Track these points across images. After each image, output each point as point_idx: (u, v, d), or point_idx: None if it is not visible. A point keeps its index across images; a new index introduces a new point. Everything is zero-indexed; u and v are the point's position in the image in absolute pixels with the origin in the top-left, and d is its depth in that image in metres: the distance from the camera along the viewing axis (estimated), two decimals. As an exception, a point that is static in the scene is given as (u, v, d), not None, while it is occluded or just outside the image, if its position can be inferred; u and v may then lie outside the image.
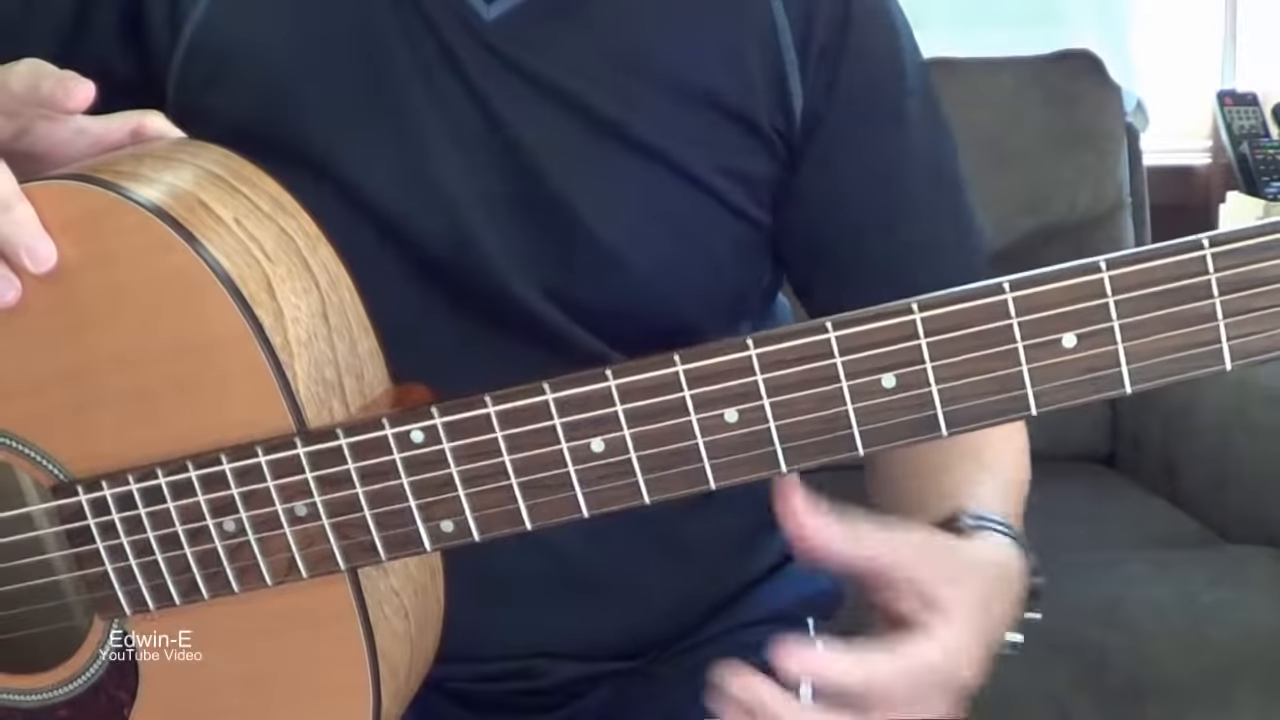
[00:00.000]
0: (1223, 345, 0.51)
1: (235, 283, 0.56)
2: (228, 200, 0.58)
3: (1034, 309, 0.50)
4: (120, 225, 0.56)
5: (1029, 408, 0.51)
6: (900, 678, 0.57)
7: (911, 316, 0.51)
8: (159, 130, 0.63)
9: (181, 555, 0.57)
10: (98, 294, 0.57)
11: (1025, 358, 0.51)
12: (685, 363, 0.52)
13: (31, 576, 0.61)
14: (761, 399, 0.52)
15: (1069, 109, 1.72)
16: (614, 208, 0.74)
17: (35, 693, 0.62)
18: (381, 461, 0.55)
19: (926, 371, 0.51)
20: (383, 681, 0.58)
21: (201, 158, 0.61)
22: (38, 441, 0.59)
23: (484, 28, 0.73)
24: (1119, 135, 1.73)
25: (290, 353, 0.56)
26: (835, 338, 0.51)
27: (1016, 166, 1.70)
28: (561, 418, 0.53)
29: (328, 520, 0.56)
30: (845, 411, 0.52)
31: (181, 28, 0.75)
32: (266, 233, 0.58)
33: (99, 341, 0.58)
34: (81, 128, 0.63)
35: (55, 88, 0.61)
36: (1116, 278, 0.50)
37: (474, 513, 0.55)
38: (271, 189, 0.61)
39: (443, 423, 0.54)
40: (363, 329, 0.61)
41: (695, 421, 0.52)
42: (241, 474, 0.56)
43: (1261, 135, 1.79)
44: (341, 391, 0.59)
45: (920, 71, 0.80)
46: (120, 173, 0.58)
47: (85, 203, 0.57)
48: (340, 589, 0.57)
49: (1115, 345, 0.51)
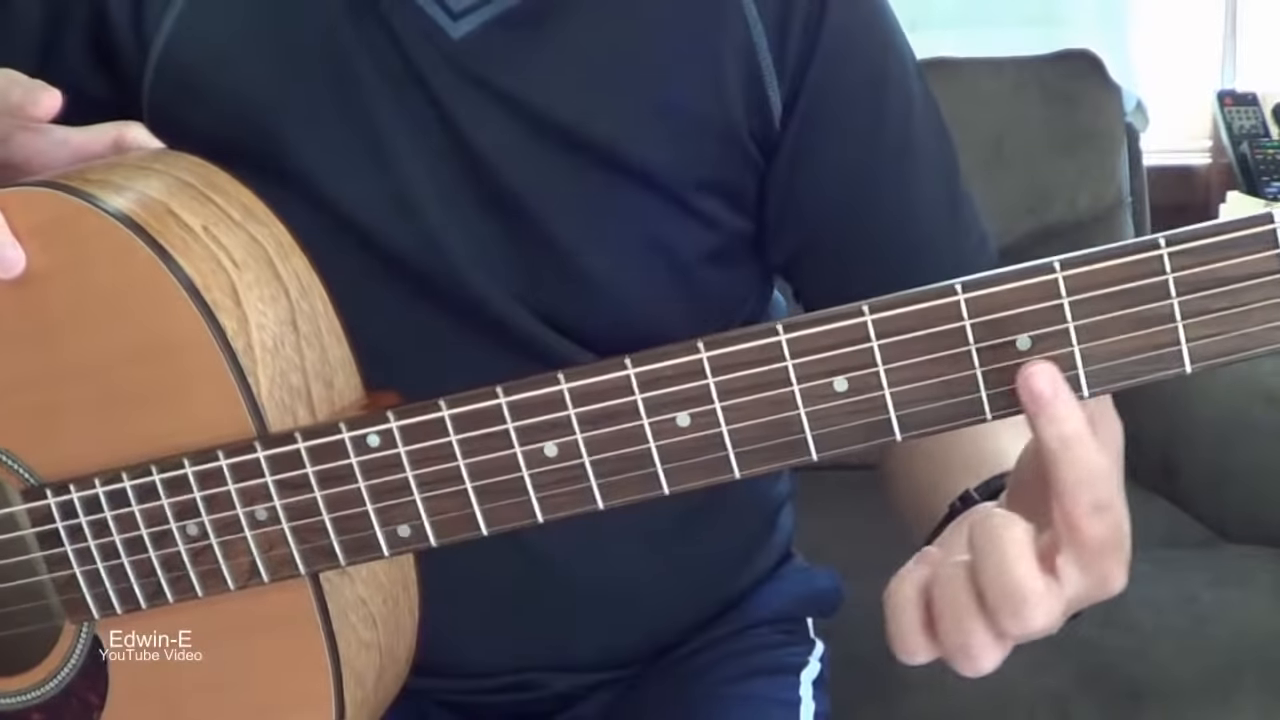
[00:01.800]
0: (1182, 347, 0.49)
1: (199, 289, 0.55)
2: (198, 209, 0.58)
3: (987, 311, 0.49)
4: (88, 232, 0.56)
5: (984, 412, 0.49)
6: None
7: (863, 319, 0.49)
8: (140, 141, 0.62)
9: (146, 559, 0.57)
10: (65, 299, 0.57)
11: (978, 361, 0.49)
12: (636, 366, 0.51)
13: (16, 576, 0.61)
14: (713, 403, 0.50)
15: (1069, 109, 1.69)
16: (583, 223, 0.73)
17: (11, 695, 0.61)
18: (339, 465, 0.54)
19: (879, 375, 0.49)
20: (347, 690, 0.57)
21: (175, 167, 0.60)
22: (7, 445, 0.58)
23: (450, 46, 0.71)
24: (1119, 135, 1.70)
25: (254, 358, 0.55)
26: (786, 340, 0.50)
27: (1016, 166, 1.67)
28: (514, 421, 0.52)
29: (287, 524, 0.55)
30: (797, 415, 0.50)
31: (149, 46, 0.74)
32: (236, 241, 0.57)
33: (66, 346, 0.57)
34: (62, 139, 0.62)
35: (24, 96, 0.60)
36: (1071, 278, 0.48)
37: (430, 517, 0.54)
38: (245, 198, 0.60)
39: (398, 426, 0.53)
40: (334, 337, 0.60)
41: (647, 425, 0.51)
42: (203, 477, 0.55)
43: (1261, 135, 1.75)
44: (309, 398, 0.57)
45: (905, 67, 0.77)
46: (90, 180, 0.57)
47: (54, 209, 0.56)
48: (303, 595, 0.56)
49: (1071, 348, 0.49)
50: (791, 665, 0.87)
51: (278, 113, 0.72)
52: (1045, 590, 0.49)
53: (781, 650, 0.87)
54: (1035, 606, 0.49)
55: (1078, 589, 0.50)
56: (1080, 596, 0.51)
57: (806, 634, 0.90)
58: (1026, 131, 1.67)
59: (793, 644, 0.88)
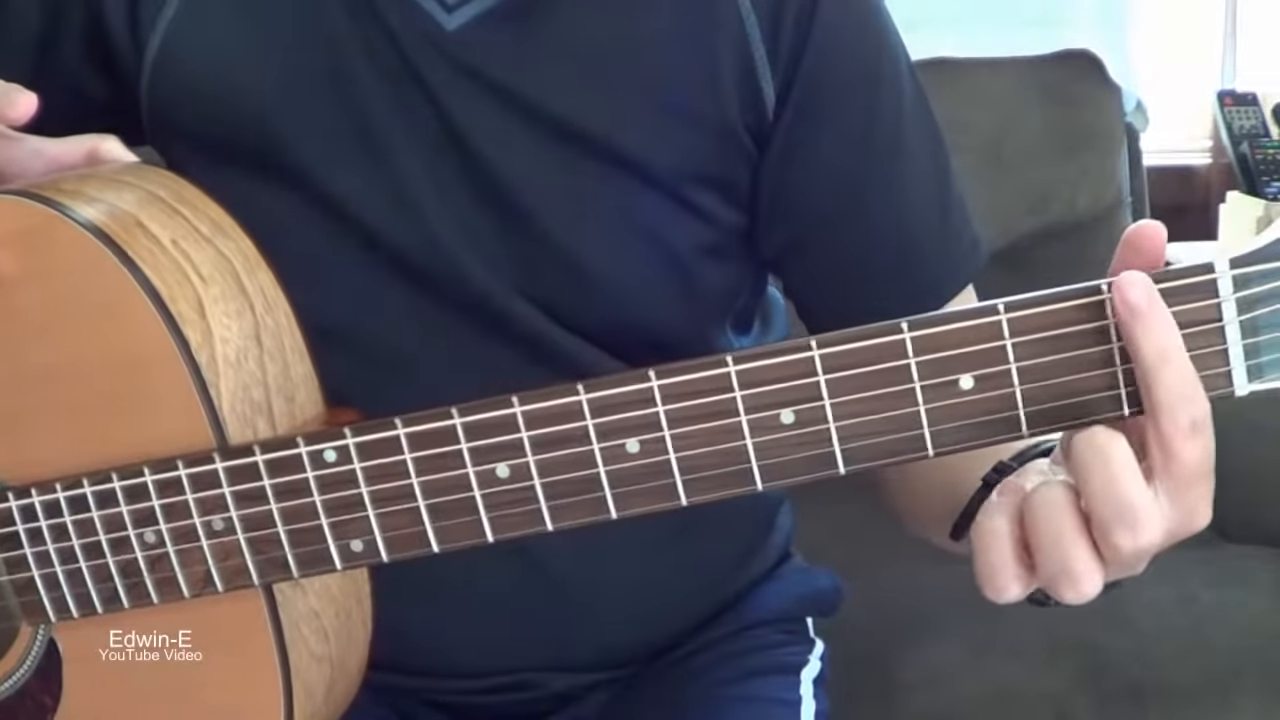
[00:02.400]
0: (1121, 391, 0.49)
1: (164, 301, 0.55)
2: (166, 222, 0.58)
3: (932, 349, 0.49)
4: (57, 241, 0.56)
5: (926, 448, 0.50)
6: None
7: (810, 354, 0.49)
8: (114, 154, 0.62)
9: (104, 564, 0.57)
10: (33, 307, 0.57)
11: (922, 398, 0.49)
12: (589, 392, 0.51)
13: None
14: (662, 430, 0.51)
15: (1069, 109, 1.67)
16: (577, 215, 0.72)
17: (-27, 692, 0.62)
18: (295, 479, 0.54)
19: (824, 408, 0.50)
20: (296, 701, 0.58)
21: (147, 180, 0.60)
22: (-26, 449, 0.59)
23: (444, 38, 0.71)
24: (1119, 135, 1.68)
25: (216, 371, 0.56)
26: (735, 371, 0.50)
27: (1016, 166, 1.66)
28: (468, 442, 0.52)
29: (243, 535, 0.55)
30: (744, 446, 0.51)
31: (145, 49, 0.74)
32: (203, 254, 0.58)
33: (33, 353, 0.57)
34: (37, 149, 0.62)
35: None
36: (1014, 320, 0.48)
37: (383, 533, 0.54)
38: (213, 212, 0.60)
39: (354, 443, 0.53)
40: (297, 353, 0.60)
41: (598, 450, 0.51)
42: (163, 486, 0.56)
43: (1261, 135, 1.74)
44: (270, 412, 0.58)
45: (898, 66, 0.76)
46: (63, 191, 0.58)
47: (25, 218, 0.57)
48: (257, 605, 0.57)
49: (1013, 388, 0.49)
50: (792, 665, 0.87)
51: (274, 111, 0.72)
52: (1156, 513, 0.48)
53: (781, 650, 0.87)
54: (1149, 518, 0.47)
55: (1170, 520, 0.49)
56: (1175, 527, 0.49)
57: (806, 633, 0.90)
58: (1026, 131, 1.65)
59: (793, 644, 0.88)
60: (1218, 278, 0.48)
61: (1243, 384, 0.49)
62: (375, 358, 0.74)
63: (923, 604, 1.18)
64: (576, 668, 0.82)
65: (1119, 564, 0.49)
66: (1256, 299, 0.48)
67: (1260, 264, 0.48)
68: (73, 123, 0.75)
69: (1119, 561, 0.49)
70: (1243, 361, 0.49)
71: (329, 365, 0.74)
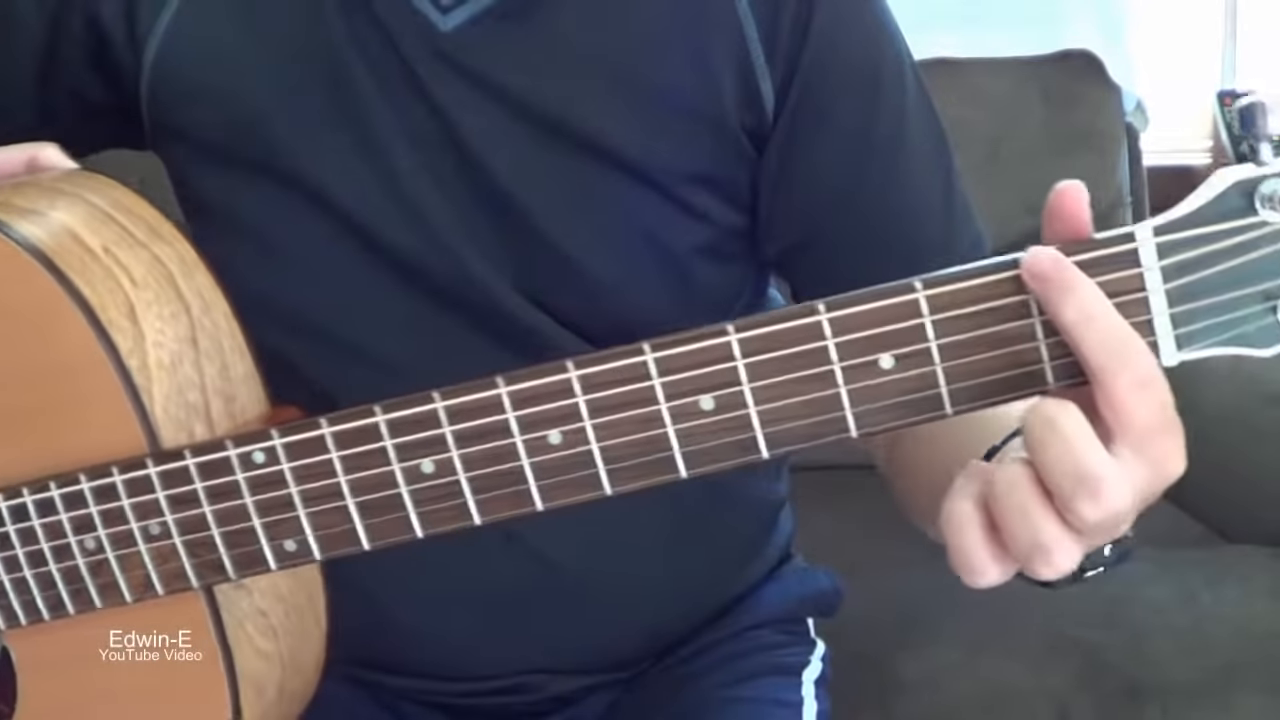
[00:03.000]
0: (1045, 365, 0.47)
1: (93, 309, 0.55)
2: (100, 229, 0.58)
3: (850, 330, 0.47)
4: None
5: (849, 429, 0.48)
6: None
7: (727, 338, 0.48)
8: (53, 162, 0.62)
9: (48, 571, 0.57)
10: None
11: (843, 379, 0.48)
12: (509, 384, 0.50)
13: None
14: (583, 421, 0.50)
15: (1069, 109, 1.65)
16: (572, 215, 0.72)
17: (-68, 700, 0.62)
18: (226, 481, 0.54)
19: (744, 393, 0.48)
20: (245, 700, 0.57)
21: (83, 188, 0.60)
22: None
23: (439, 38, 0.71)
24: (1119, 135, 1.66)
25: (149, 376, 0.55)
26: (653, 359, 0.49)
27: (1016, 166, 1.64)
28: (392, 439, 0.52)
29: (179, 538, 0.55)
30: (666, 434, 0.49)
31: (143, 51, 0.74)
32: (137, 259, 0.57)
33: (-32, 364, 0.57)
34: None
35: None
36: (933, 298, 0.47)
37: (314, 532, 0.54)
38: (150, 217, 0.60)
39: (281, 443, 0.53)
40: (237, 353, 0.60)
41: (520, 443, 0.50)
42: (99, 493, 0.55)
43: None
44: (207, 414, 0.57)
45: (900, 63, 0.75)
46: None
47: None
48: (199, 607, 0.56)
49: (934, 366, 0.47)
50: (793, 666, 0.86)
51: (271, 113, 0.72)
52: (1120, 475, 0.46)
53: (782, 651, 0.86)
54: (1111, 484, 0.45)
55: (1139, 475, 0.47)
56: (1144, 484, 0.47)
57: (807, 634, 0.89)
58: (1026, 131, 1.63)
59: (794, 644, 0.87)
60: (1139, 246, 0.47)
61: (1170, 353, 0.47)
62: (371, 356, 0.74)
63: (922, 604, 1.16)
64: (576, 670, 0.81)
65: (1092, 532, 0.47)
66: (1181, 267, 0.47)
67: (1184, 231, 0.47)
68: (79, 128, 0.77)
69: (1090, 530, 0.47)
70: (1170, 331, 0.47)
71: (324, 363, 0.74)
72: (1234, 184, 0.47)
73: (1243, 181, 0.47)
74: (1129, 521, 0.49)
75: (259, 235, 0.74)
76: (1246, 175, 0.47)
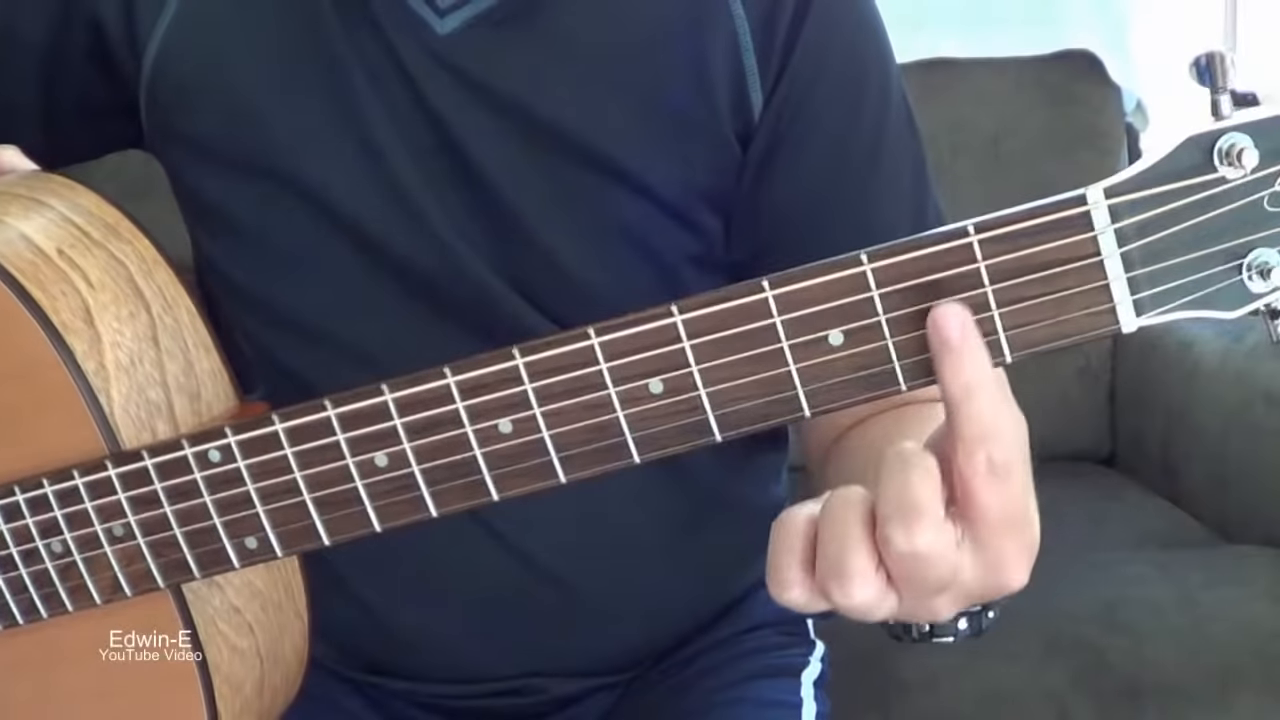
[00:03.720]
0: (999, 336, 0.46)
1: (46, 313, 0.54)
2: (54, 231, 0.57)
3: (796, 306, 0.46)
4: None
5: (801, 409, 0.47)
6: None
7: (672, 319, 0.47)
8: (12, 164, 0.62)
9: (18, 576, 0.56)
10: None
11: (792, 357, 0.46)
12: (456, 374, 0.49)
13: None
14: (533, 408, 0.48)
15: (1069, 109, 1.63)
16: (562, 220, 0.71)
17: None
18: (185, 481, 0.53)
19: (693, 375, 0.47)
20: (220, 696, 0.56)
21: (39, 190, 0.60)
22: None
23: (436, 41, 0.70)
24: (1119, 135, 1.64)
25: (106, 377, 0.55)
26: (599, 344, 0.47)
27: (1016, 166, 1.62)
28: (344, 433, 0.50)
29: (143, 539, 0.54)
30: (616, 419, 0.48)
31: (143, 54, 0.74)
32: (93, 261, 0.57)
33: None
34: None
35: None
36: (879, 270, 0.45)
37: (274, 529, 0.52)
38: (109, 216, 0.59)
39: (236, 441, 0.52)
40: (202, 349, 0.59)
41: (471, 433, 0.49)
42: (62, 496, 0.54)
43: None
44: (170, 412, 0.57)
45: (885, 73, 0.74)
46: None
47: None
48: (170, 605, 0.55)
49: (885, 341, 0.46)
50: (792, 667, 0.84)
51: (267, 115, 0.71)
52: (943, 525, 0.44)
53: (782, 652, 0.84)
54: (928, 528, 0.44)
55: (973, 568, 0.46)
56: (976, 581, 0.46)
57: (807, 635, 0.87)
58: (1026, 131, 1.62)
59: (793, 645, 0.85)
60: (1091, 208, 0.45)
61: (1130, 319, 0.45)
62: (366, 356, 0.73)
63: (924, 604, 1.14)
64: (578, 672, 0.80)
65: (904, 583, 0.46)
66: (1139, 228, 0.45)
67: (1138, 191, 0.45)
68: (84, 130, 0.77)
69: (902, 578, 0.46)
70: (1128, 295, 0.45)
71: (319, 363, 0.73)
72: (1188, 139, 0.45)
73: (1198, 136, 0.45)
74: (958, 602, 0.47)
75: (256, 236, 0.73)
76: (1201, 130, 0.45)
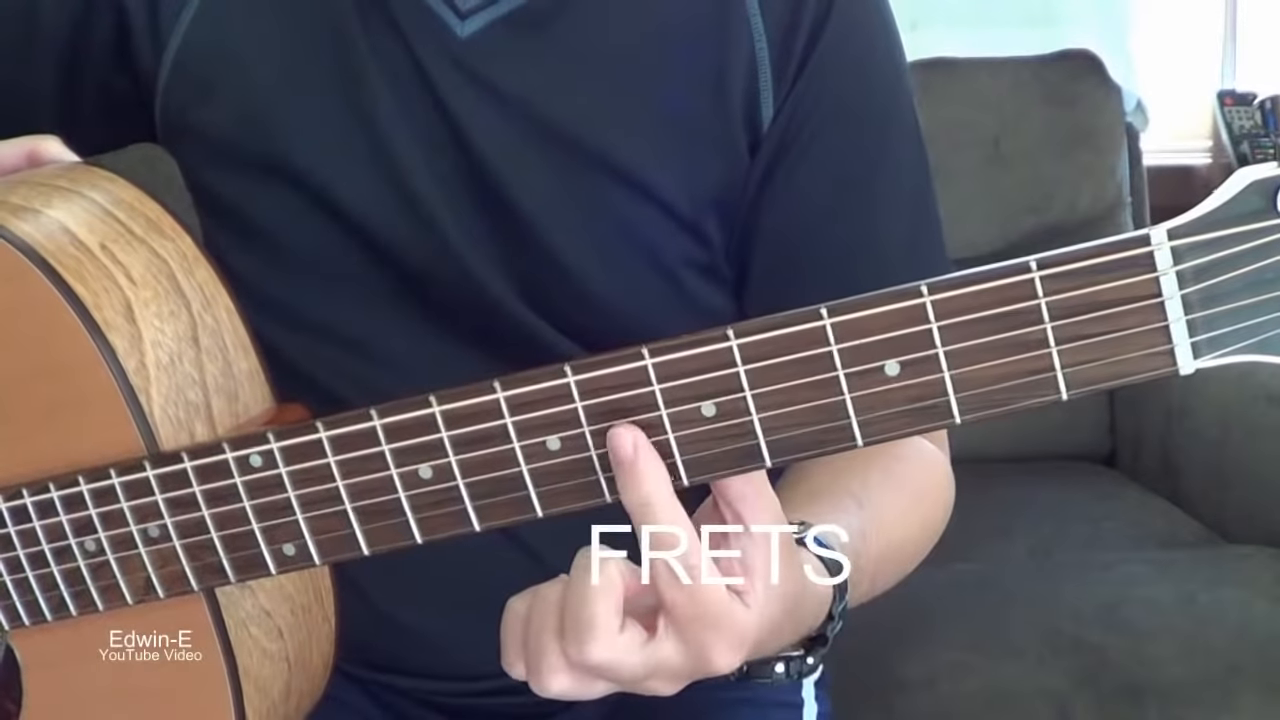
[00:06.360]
0: (1057, 374, 0.44)
1: (88, 309, 0.51)
2: (97, 226, 0.54)
3: (854, 335, 0.44)
4: None
5: (854, 438, 0.45)
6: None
7: (728, 344, 0.45)
8: (53, 155, 0.59)
9: (49, 573, 0.54)
10: None
11: (847, 386, 0.44)
12: (506, 389, 0.47)
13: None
14: (582, 427, 0.46)
15: (1069, 109, 1.61)
16: (576, 227, 0.68)
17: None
18: (224, 485, 0.50)
19: (746, 400, 0.45)
20: (249, 700, 0.54)
21: (81, 183, 0.57)
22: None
23: (456, 44, 0.67)
24: (1119, 135, 1.61)
25: (146, 376, 0.52)
26: (652, 364, 0.45)
27: (1016, 166, 1.60)
28: (389, 444, 0.48)
29: (178, 541, 0.52)
30: (667, 440, 0.46)
31: (165, 48, 0.71)
32: (135, 257, 0.54)
33: (-35, 367, 0.54)
34: None
35: None
36: (939, 303, 0.43)
37: (313, 536, 0.50)
38: (151, 212, 0.56)
39: (279, 447, 0.49)
40: (240, 349, 0.56)
41: (518, 449, 0.47)
42: (98, 495, 0.52)
43: (1261, 135, 1.66)
44: (209, 413, 0.54)
45: (899, 84, 0.71)
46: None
47: None
48: (201, 608, 0.53)
49: (941, 373, 0.44)
50: None
51: (282, 114, 0.69)
52: (618, 631, 0.47)
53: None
54: (599, 641, 0.46)
55: (677, 655, 0.48)
56: (684, 667, 0.49)
57: None
58: (1026, 131, 1.59)
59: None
60: (1154, 249, 0.43)
61: (1188, 362, 0.43)
62: (374, 358, 0.71)
63: (923, 604, 1.12)
64: None
65: (595, 676, 0.48)
66: (1198, 271, 0.43)
67: (1201, 234, 0.43)
68: (103, 122, 0.74)
69: (590, 674, 0.48)
70: (1186, 338, 0.43)
71: (329, 365, 0.71)
72: (1251, 184, 0.43)
73: (1261, 181, 0.43)
74: (672, 683, 0.50)
75: (269, 236, 0.71)
76: (1265, 175, 0.43)
